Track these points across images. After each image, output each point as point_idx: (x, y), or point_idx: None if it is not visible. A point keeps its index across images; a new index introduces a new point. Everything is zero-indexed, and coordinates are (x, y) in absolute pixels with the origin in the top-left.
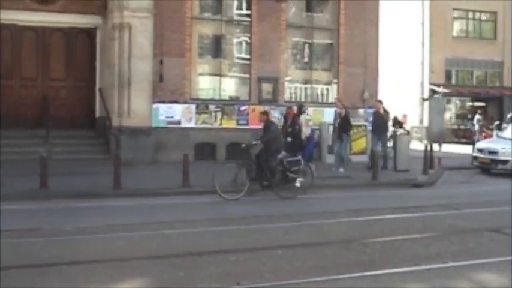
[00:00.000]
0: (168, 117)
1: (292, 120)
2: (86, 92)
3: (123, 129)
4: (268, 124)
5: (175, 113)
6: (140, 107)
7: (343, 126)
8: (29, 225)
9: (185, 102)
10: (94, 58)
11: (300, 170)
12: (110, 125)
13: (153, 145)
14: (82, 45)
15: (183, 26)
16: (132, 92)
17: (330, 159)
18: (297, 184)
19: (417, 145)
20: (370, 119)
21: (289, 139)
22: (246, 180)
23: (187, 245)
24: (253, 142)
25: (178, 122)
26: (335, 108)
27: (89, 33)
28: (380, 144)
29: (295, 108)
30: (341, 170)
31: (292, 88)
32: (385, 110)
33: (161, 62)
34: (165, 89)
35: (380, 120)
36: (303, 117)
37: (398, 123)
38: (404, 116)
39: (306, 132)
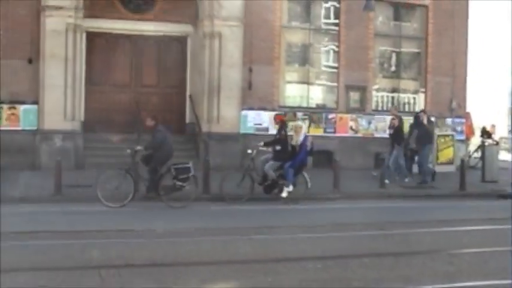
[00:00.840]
0: (256, 124)
1: (280, 127)
2: (177, 99)
3: (212, 135)
4: (154, 131)
5: (264, 120)
6: (229, 114)
7: (395, 136)
8: (122, 227)
9: (273, 110)
10: (185, 65)
11: (189, 178)
12: (199, 131)
13: (241, 151)
14: (174, 52)
15: (272, 34)
16: (222, 98)
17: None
18: (284, 194)
19: (506, 156)
20: (458, 128)
21: (277, 147)
22: (131, 188)
23: (275, 250)
24: (136, 148)
25: (266, 129)
26: (391, 117)
27: (180, 41)
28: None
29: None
30: (386, 181)
31: (379, 97)
32: (429, 120)
33: (250, 69)
34: (253, 96)
35: (423, 131)
36: (298, 124)
37: (486, 134)
38: (493, 126)
39: (298, 140)
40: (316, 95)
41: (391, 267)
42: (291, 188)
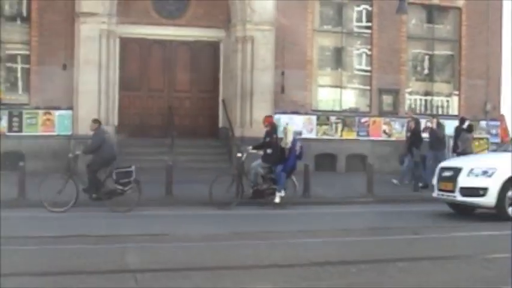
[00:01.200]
0: None
1: (270, 129)
2: (210, 103)
3: (245, 139)
4: (95, 134)
5: (296, 123)
6: (262, 118)
7: (413, 139)
8: (158, 231)
9: (306, 114)
10: (218, 70)
11: (131, 182)
12: (232, 135)
13: None
14: (206, 57)
15: (304, 38)
16: (254, 103)
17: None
18: (277, 200)
19: None
20: (493, 131)
21: (268, 150)
22: (73, 192)
23: (310, 255)
24: (76, 152)
25: (299, 133)
26: (407, 119)
27: (213, 46)
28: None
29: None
30: (394, 181)
31: (412, 100)
32: (439, 124)
33: (282, 73)
34: (286, 100)
35: (434, 136)
36: (291, 127)
37: None
38: None
39: (287, 142)
40: (349, 98)
41: (428, 271)
42: (283, 193)
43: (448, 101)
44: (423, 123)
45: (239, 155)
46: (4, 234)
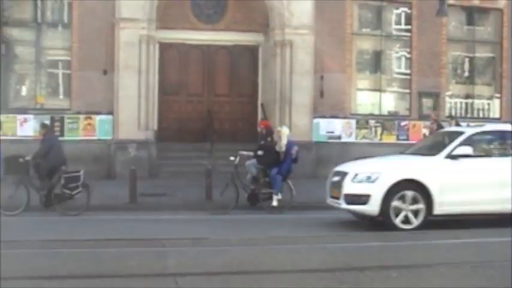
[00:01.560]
0: (328, 132)
1: (265, 132)
2: (249, 107)
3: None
4: (44, 139)
5: (336, 127)
6: (301, 122)
7: None
8: (197, 235)
9: (345, 117)
10: (256, 74)
11: (79, 186)
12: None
13: (314, 159)
14: (245, 61)
15: (343, 42)
16: (293, 107)
17: None
18: (274, 203)
19: None
20: None
21: (259, 152)
22: (24, 196)
23: (349, 259)
24: (26, 158)
25: (339, 137)
26: (430, 122)
27: (251, 50)
28: None
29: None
30: None
31: (452, 103)
32: (439, 126)
33: (321, 77)
34: (325, 104)
35: None
36: (285, 130)
37: None
38: None
39: (282, 145)
40: (388, 102)
41: (467, 276)
42: (280, 196)
43: (489, 104)
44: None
45: (232, 158)
46: None
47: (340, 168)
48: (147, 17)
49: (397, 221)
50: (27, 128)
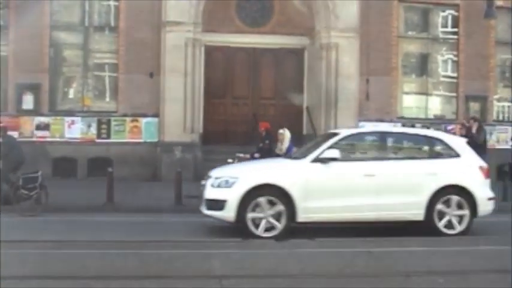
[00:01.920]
0: None
1: (265, 134)
2: (294, 110)
3: None
4: (3, 141)
5: None
6: (346, 125)
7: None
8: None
9: (391, 121)
10: (302, 77)
11: (37, 187)
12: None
13: None
14: (290, 64)
15: (389, 44)
16: (339, 110)
17: None
18: None
19: None
20: None
21: (256, 155)
22: None
23: (396, 264)
24: None
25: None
26: (459, 125)
27: (297, 54)
28: None
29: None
30: None
31: (500, 107)
32: (480, 129)
33: (367, 80)
34: (371, 107)
35: (472, 142)
36: (287, 133)
37: None
38: None
39: (282, 148)
40: (435, 105)
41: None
42: None
43: None
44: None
45: (230, 160)
46: None
47: (211, 171)
48: (193, 20)
49: (260, 229)
50: (75, 130)
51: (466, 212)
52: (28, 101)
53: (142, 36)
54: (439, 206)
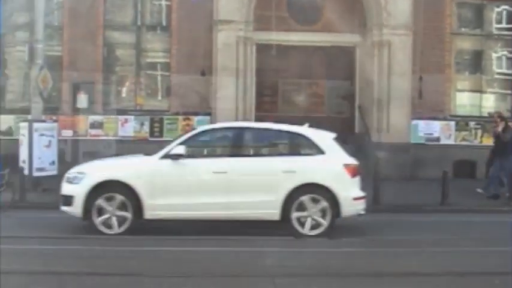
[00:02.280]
0: (426, 133)
1: None
2: (346, 108)
3: (381, 144)
4: None
5: (434, 129)
6: (399, 124)
7: (499, 147)
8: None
9: (444, 119)
10: (353, 75)
11: (3, 185)
12: (369, 141)
13: (411, 161)
14: (342, 62)
15: (442, 42)
16: (391, 108)
17: None
18: None
19: None
20: None
21: None
22: None
23: (449, 264)
24: None
25: (437, 139)
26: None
27: (348, 51)
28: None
29: None
30: (478, 190)
31: None
32: (507, 127)
33: (420, 78)
34: (423, 105)
35: (499, 141)
36: None
37: None
38: None
39: None
40: (489, 103)
41: None
42: None
43: None
44: None
45: None
46: None
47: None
48: (245, 18)
49: (100, 224)
50: (128, 128)
51: (327, 212)
52: (82, 100)
53: (194, 35)
54: (296, 205)
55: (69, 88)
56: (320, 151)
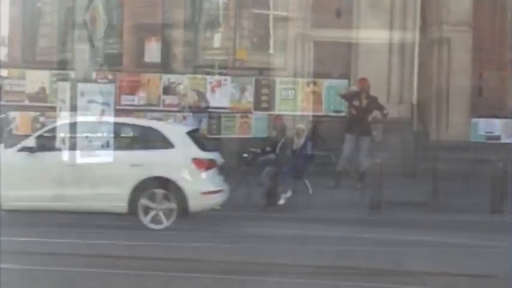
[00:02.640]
0: (487, 132)
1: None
2: (403, 108)
3: (440, 143)
4: None
5: (495, 128)
6: (459, 122)
7: None
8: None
9: (505, 117)
10: (412, 72)
11: None
12: (427, 139)
13: (472, 160)
14: (400, 59)
15: (503, 38)
16: (451, 106)
17: None
18: (281, 201)
19: None
20: None
21: (267, 149)
22: None
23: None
24: None
25: (498, 137)
26: None
27: (406, 49)
28: None
29: None
30: None
31: None
32: None
33: (480, 75)
34: (484, 103)
35: None
36: (300, 127)
37: None
38: None
39: (298, 143)
40: None
41: None
42: (289, 193)
43: None
44: None
45: (245, 155)
46: None
47: None
48: (302, 15)
49: None
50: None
51: (173, 206)
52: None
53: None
54: (143, 200)
55: None
56: (170, 145)
